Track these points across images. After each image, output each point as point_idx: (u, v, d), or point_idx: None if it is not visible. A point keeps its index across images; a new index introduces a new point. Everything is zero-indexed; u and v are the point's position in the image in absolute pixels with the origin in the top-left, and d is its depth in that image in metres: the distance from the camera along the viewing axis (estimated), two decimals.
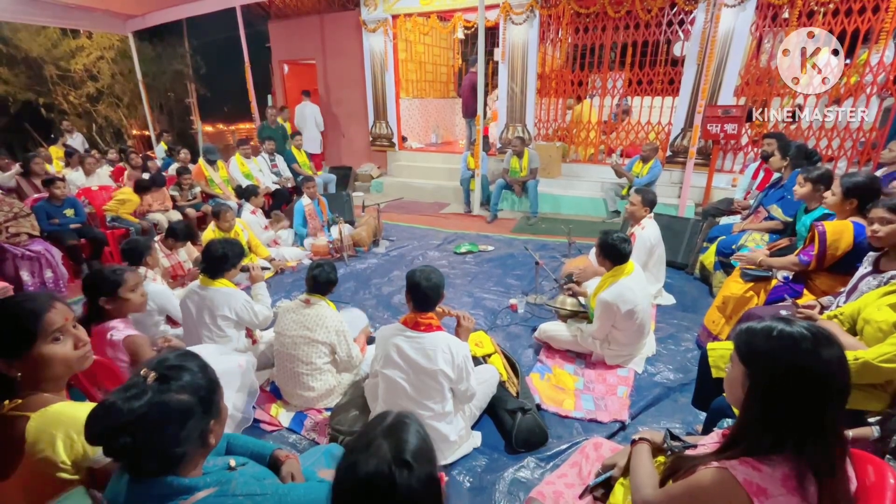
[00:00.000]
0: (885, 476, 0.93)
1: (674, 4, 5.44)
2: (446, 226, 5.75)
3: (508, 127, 6.82)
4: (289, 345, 2.32)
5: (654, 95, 6.16)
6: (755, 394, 0.90)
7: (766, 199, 3.38)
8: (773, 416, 0.88)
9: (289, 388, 2.40)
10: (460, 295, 3.77)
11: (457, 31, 7.98)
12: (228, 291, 2.45)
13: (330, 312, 2.38)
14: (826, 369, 0.84)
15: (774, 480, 0.85)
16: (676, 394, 2.48)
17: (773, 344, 0.88)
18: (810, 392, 0.85)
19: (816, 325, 0.92)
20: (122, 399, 0.79)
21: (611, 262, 2.57)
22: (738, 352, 0.95)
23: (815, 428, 0.85)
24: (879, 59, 4.76)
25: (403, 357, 1.92)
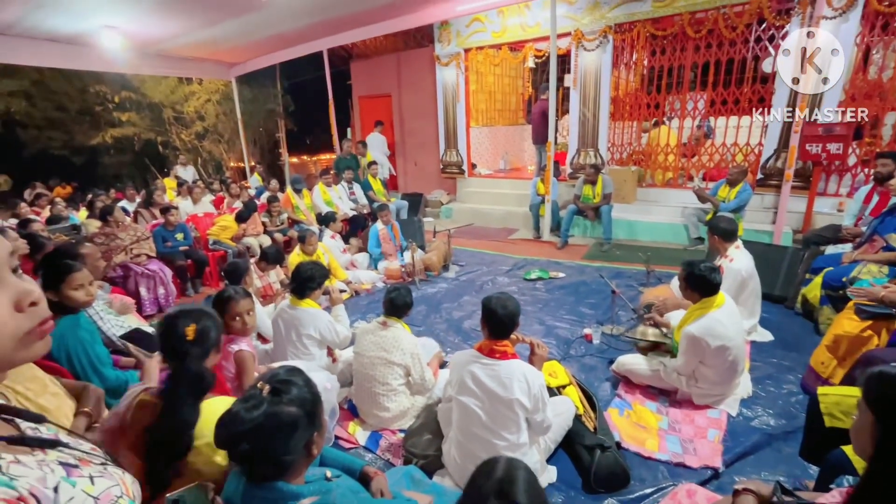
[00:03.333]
0: None
1: (762, 20, 5.13)
2: (515, 251, 5.72)
3: (580, 152, 6.73)
4: (367, 365, 2.42)
5: (740, 115, 5.78)
6: (885, 445, 0.80)
7: (882, 227, 3.00)
8: None
9: (365, 406, 2.49)
10: (531, 322, 3.70)
11: (527, 61, 8.13)
12: (314, 312, 2.63)
13: (405, 335, 2.46)
14: None
15: None
16: (780, 442, 2.22)
17: None
18: None
19: None
20: (244, 409, 0.88)
21: (699, 293, 2.41)
22: (866, 398, 0.86)
23: None
24: None
25: (478, 384, 1.92)
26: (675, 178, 6.26)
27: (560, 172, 6.85)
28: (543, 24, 6.14)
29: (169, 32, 6.12)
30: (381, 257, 5.03)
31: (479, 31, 7.20)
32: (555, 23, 5.37)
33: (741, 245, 3.18)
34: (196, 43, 6.88)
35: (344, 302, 3.61)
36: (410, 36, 7.90)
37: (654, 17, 5.67)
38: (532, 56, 7.43)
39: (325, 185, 6.31)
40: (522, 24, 6.74)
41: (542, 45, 7.01)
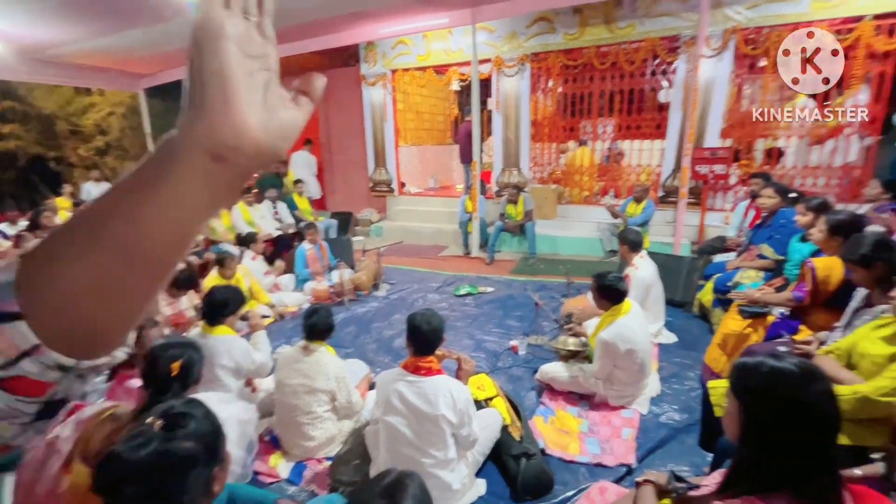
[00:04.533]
0: None
1: (656, 56, 5.78)
2: (445, 268, 5.80)
3: (504, 171, 7.04)
4: (289, 394, 2.31)
5: (643, 139, 6.43)
6: (751, 429, 0.92)
7: (755, 238, 3.46)
8: (768, 452, 0.89)
9: (289, 437, 2.36)
10: (461, 337, 3.76)
11: (452, 84, 8.41)
12: (228, 339, 2.46)
13: (330, 359, 2.37)
14: (815, 404, 0.87)
15: None
16: (683, 435, 2.44)
17: (764, 379, 0.91)
18: (801, 426, 0.87)
19: (805, 360, 0.95)
20: (129, 448, 0.80)
21: (608, 301, 2.60)
22: (732, 388, 0.98)
23: (809, 464, 0.87)
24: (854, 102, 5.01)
25: (404, 402, 1.91)
26: (591, 196, 6.76)
27: (487, 190, 7.10)
28: (466, 49, 6.42)
29: (60, 38, 5.56)
30: (309, 278, 4.85)
31: (404, 54, 7.36)
32: (476, 50, 5.64)
33: (645, 255, 3.51)
34: (96, 51, 6.32)
35: (266, 327, 3.43)
36: (336, 55, 7.87)
37: (566, 48, 6.16)
38: (457, 79, 7.72)
39: (247, 204, 6.00)
40: (446, 49, 6.99)
41: (465, 70, 7.31)
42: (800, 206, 2.91)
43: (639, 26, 5.62)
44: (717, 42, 5.23)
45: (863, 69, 4.90)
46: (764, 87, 5.57)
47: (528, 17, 6.18)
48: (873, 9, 4.61)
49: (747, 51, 5.22)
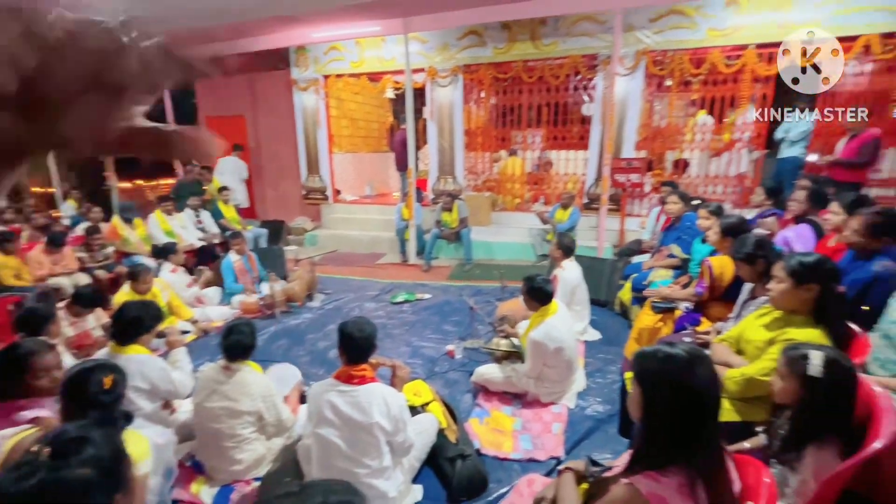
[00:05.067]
0: (760, 476, 1.07)
1: (578, 72, 6.19)
2: (383, 276, 5.76)
3: (440, 179, 7.15)
4: (209, 417, 2.15)
5: (569, 150, 6.84)
6: (649, 410, 1.02)
7: (665, 240, 3.81)
8: (664, 430, 1.00)
9: (213, 461, 2.22)
10: (398, 345, 3.76)
11: (386, 92, 8.42)
12: (141, 359, 2.27)
13: (254, 378, 2.23)
14: (700, 384, 0.99)
15: (672, 490, 0.95)
16: (606, 425, 2.61)
17: (658, 364, 1.02)
18: (689, 404, 0.98)
19: (694, 346, 1.07)
20: (12, 480, 0.73)
21: (537, 302, 2.74)
22: (634, 374, 1.08)
23: (698, 438, 0.98)
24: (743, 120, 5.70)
25: (337, 413, 1.88)
26: (522, 203, 7.05)
27: (423, 198, 7.17)
28: (399, 58, 6.46)
29: None
30: (240, 292, 4.59)
31: (337, 60, 7.26)
32: (409, 59, 5.71)
33: (573, 258, 3.73)
34: None
35: (188, 344, 3.20)
36: (265, 57, 7.57)
37: (496, 61, 6.41)
38: (391, 87, 7.74)
39: (164, 212, 5.57)
40: (380, 57, 7.00)
41: (399, 78, 7.36)
42: (701, 210, 3.25)
43: (561, 44, 5.99)
44: (630, 62, 5.72)
45: (749, 91, 5.59)
46: (670, 105, 6.16)
47: (460, 30, 6.36)
48: (756, 39, 5.27)
49: (655, 71, 5.75)
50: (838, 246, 2.58)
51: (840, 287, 1.86)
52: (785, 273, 1.76)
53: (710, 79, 5.75)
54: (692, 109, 6.52)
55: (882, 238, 2.19)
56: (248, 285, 4.66)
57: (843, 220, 2.48)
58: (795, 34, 5.01)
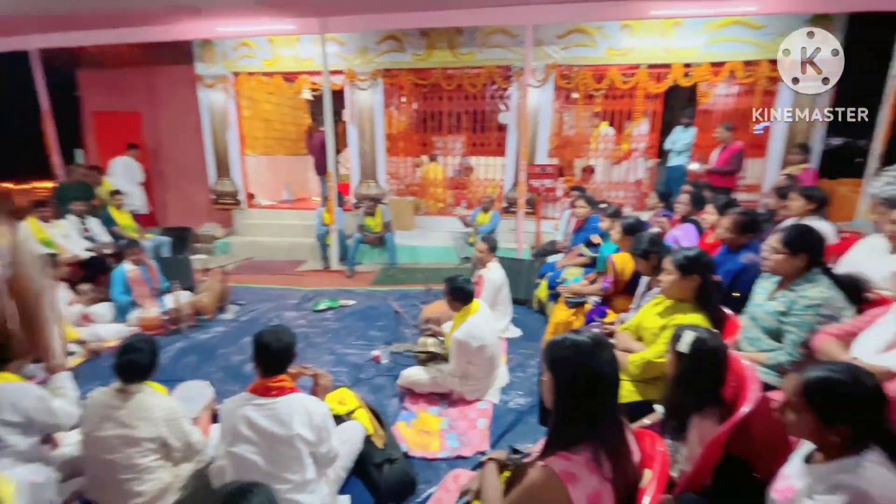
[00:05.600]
0: (656, 446, 1.21)
1: (494, 82, 6.47)
2: (304, 284, 5.54)
3: (362, 183, 7.04)
4: (102, 448, 1.89)
5: (488, 156, 7.12)
6: (559, 393, 1.11)
7: (575, 240, 4.12)
8: (573, 411, 1.08)
9: (108, 499, 1.96)
10: (321, 353, 3.63)
11: (303, 93, 8.12)
12: (12, 388, 1.94)
13: (156, 400, 1.99)
14: (602, 366, 1.09)
15: (581, 465, 1.04)
16: (527, 416, 2.75)
17: (566, 351, 1.11)
18: (594, 385, 1.08)
19: (597, 333, 1.18)
20: None
21: (459, 302, 2.81)
22: (545, 362, 1.16)
23: (602, 416, 1.08)
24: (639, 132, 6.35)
25: (255, 428, 1.77)
26: (445, 207, 7.19)
27: (345, 202, 7.02)
28: (316, 59, 6.27)
29: None
30: (131, 305, 4.13)
31: (248, 57, 6.86)
32: (326, 60, 5.57)
33: (496, 260, 3.88)
34: None
35: (74, 368, 2.82)
36: (166, 50, 6.93)
37: (415, 67, 6.49)
38: (308, 89, 7.48)
39: (41, 220, 4.85)
40: (295, 57, 6.74)
41: (317, 79, 7.14)
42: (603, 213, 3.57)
43: (478, 54, 6.23)
44: (541, 74, 6.10)
45: (643, 106, 6.23)
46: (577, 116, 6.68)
47: (378, 34, 6.34)
48: (647, 59, 5.90)
49: (563, 84, 6.19)
50: (715, 242, 2.98)
51: (716, 277, 2.15)
52: (673, 266, 2.00)
53: (610, 93, 6.32)
54: (596, 121, 7.12)
55: (747, 234, 2.57)
56: (148, 298, 4.22)
57: (716, 220, 2.87)
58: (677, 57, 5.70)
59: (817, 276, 1.96)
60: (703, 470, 1.48)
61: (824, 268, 2.00)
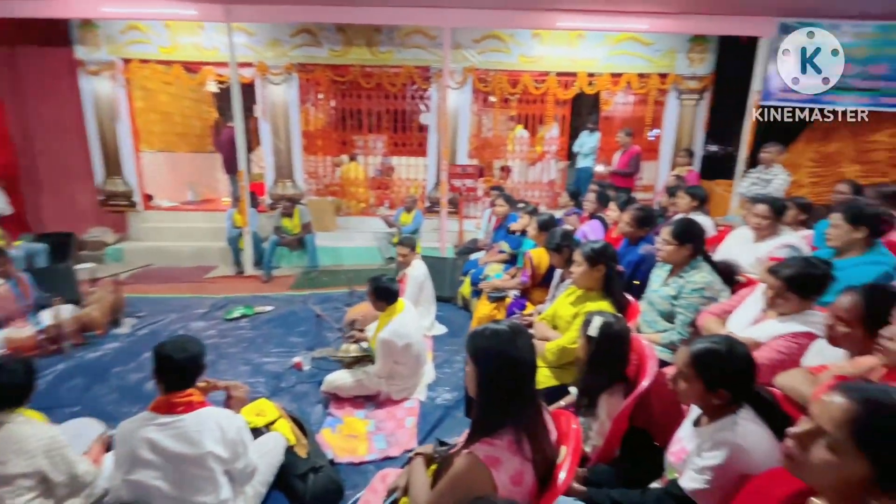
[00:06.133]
0: (570, 424, 1.30)
1: (414, 82, 6.49)
2: (214, 291, 5.12)
3: (278, 183, 6.68)
4: None
5: (410, 156, 7.12)
6: (481, 382, 1.14)
7: (496, 238, 4.27)
8: (495, 398, 1.13)
9: None
10: (236, 364, 3.39)
11: (208, 85, 7.52)
12: None
13: (31, 430, 1.70)
14: (521, 352, 1.14)
15: (503, 449, 1.08)
16: (454, 410, 2.79)
17: (486, 340, 1.15)
18: (513, 371, 1.13)
19: (515, 322, 1.24)
20: None
21: (384, 302, 2.78)
22: (467, 353, 1.19)
23: (521, 400, 1.13)
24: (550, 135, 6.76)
25: (158, 451, 1.60)
26: (368, 208, 7.07)
27: (259, 203, 6.61)
28: (223, 49, 5.82)
29: None
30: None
31: (140, 42, 6.17)
32: (233, 51, 5.20)
33: (419, 258, 3.90)
34: None
35: None
36: (32, 28, 5.99)
37: (332, 63, 6.29)
38: (213, 81, 6.93)
39: None
40: (197, 45, 6.20)
41: (224, 71, 6.64)
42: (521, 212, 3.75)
43: (397, 53, 6.21)
44: (459, 77, 6.24)
45: (553, 111, 6.64)
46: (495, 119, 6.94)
47: (292, 26, 6.07)
48: (556, 68, 6.30)
49: (481, 87, 6.40)
50: (618, 236, 3.26)
51: (619, 267, 2.35)
52: (582, 258, 2.16)
53: (524, 98, 6.65)
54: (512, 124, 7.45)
55: (644, 228, 2.86)
56: (18, 316, 3.62)
57: (618, 216, 3.14)
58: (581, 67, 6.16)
59: (700, 263, 2.23)
60: (612, 442, 1.62)
61: (705, 256, 2.29)
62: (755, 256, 2.56)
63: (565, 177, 7.19)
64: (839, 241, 2.20)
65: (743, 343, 1.35)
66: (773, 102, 5.38)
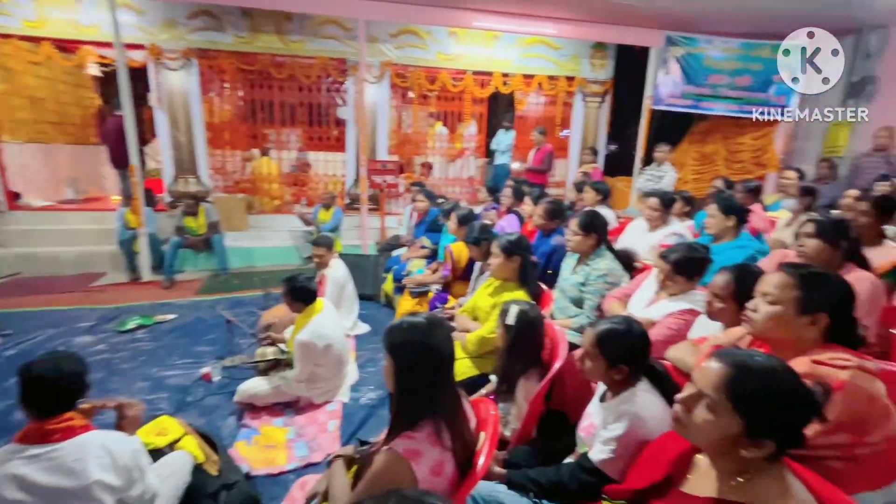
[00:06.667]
0: (489, 410, 1.33)
1: (329, 75, 6.26)
2: (103, 301, 4.53)
3: (179, 179, 6.08)
4: None
5: (327, 151, 6.86)
6: (399, 375, 1.13)
7: (417, 233, 4.28)
8: (413, 389, 1.12)
9: None
10: (132, 380, 3.04)
11: (89, 67, 6.63)
12: None
13: None
14: (439, 342, 1.15)
15: (423, 441, 1.08)
16: (380, 409, 2.75)
17: (402, 333, 1.14)
18: (431, 362, 1.13)
19: (432, 313, 1.24)
20: None
21: (301, 303, 2.66)
22: (385, 347, 1.17)
23: (440, 391, 1.14)
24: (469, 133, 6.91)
25: (29, 488, 1.38)
26: (283, 205, 6.70)
27: (157, 201, 5.98)
28: (105, 27, 5.16)
29: None
30: None
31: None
32: (117, 30, 4.62)
33: (337, 257, 3.77)
34: None
35: None
36: None
37: (238, 50, 5.85)
38: (95, 63, 6.11)
39: None
40: (73, 21, 5.42)
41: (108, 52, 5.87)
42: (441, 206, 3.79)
43: (309, 44, 5.94)
44: (377, 71, 6.14)
45: (471, 109, 6.80)
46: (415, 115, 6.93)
47: (189, 7, 5.54)
48: (473, 66, 6.45)
49: (399, 83, 6.35)
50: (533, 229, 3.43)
51: (534, 258, 2.47)
52: (499, 249, 2.23)
53: (443, 95, 6.72)
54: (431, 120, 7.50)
55: (555, 220, 3.03)
56: None
57: (532, 210, 3.30)
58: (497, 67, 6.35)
59: (604, 251, 2.42)
60: (529, 424, 1.70)
61: (608, 245, 2.49)
62: (649, 244, 2.83)
63: (483, 173, 7.40)
64: (715, 228, 2.51)
65: (639, 322, 1.48)
66: (662, 107, 6.00)
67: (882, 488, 1.16)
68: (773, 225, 3.68)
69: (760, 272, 1.51)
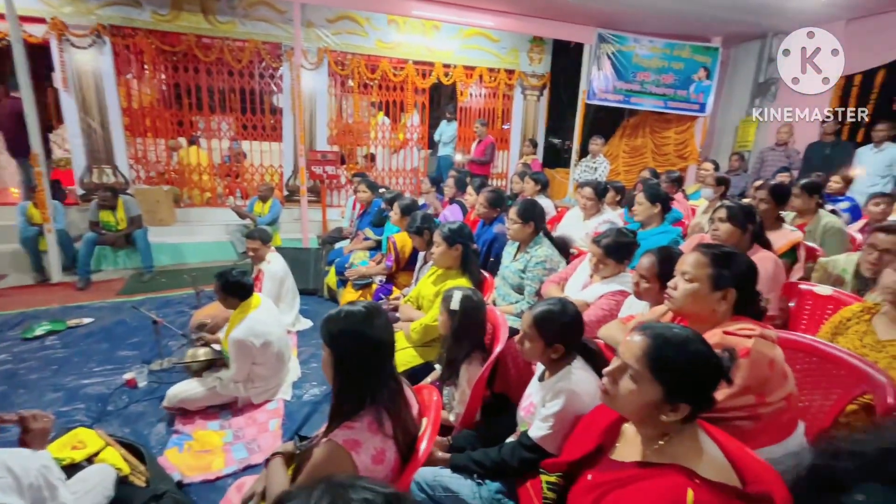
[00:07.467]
0: (432, 396, 1.34)
1: (262, 60, 5.92)
2: (6, 306, 4.04)
3: (93, 170, 5.53)
4: None
5: (263, 140, 6.50)
6: (338, 365, 1.10)
7: (360, 225, 4.20)
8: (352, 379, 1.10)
9: None
10: (42, 392, 2.75)
11: None
12: None
13: None
14: (378, 331, 1.13)
15: (363, 431, 1.06)
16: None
17: (340, 322, 1.11)
18: (370, 351, 1.12)
19: (371, 302, 1.22)
20: None
21: (236, 298, 2.52)
22: (322, 338, 1.14)
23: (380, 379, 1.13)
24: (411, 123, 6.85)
25: None
26: (215, 198, 6.30)
27: (67, 194, 5.40)
28: None
29: None
30: None
31: None
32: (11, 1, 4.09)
33: (275, 251, 3.60)
34: None
35: None
36: None
37: (158, 29, 5.39)
38: None
39: None
40: None
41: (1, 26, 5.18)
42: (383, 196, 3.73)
43: (240, 26, 5.59)
44: (314, 57, 5.91)
45: (412, 99, 6.73)
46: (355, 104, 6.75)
47: None
48: (413, 56, 6.38)
49: (338, 70, 6.15)
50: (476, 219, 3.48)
51: (475, 246, 2.51)
52: (441, 238, 2.24)
53: (384, 84, 6.60)
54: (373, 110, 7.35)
55: (496, 209, 3.09)
56: None
57: (475, 199, 3.34)
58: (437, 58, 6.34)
59: (542, 239, 2.50)
60: (473, 408, 1.73)
61: (546, 233, 2.58)
62: (584, 232, 2.97)
63: (427, 164, 7.38)
64: (643, 215, 2.68)
65: (573, 303, 1.55)
66: (596, 101, 6.29)
67: (781, 442, 1.30)
68: (694, 212, 4.00)
69: (681, 254, 1.63)
